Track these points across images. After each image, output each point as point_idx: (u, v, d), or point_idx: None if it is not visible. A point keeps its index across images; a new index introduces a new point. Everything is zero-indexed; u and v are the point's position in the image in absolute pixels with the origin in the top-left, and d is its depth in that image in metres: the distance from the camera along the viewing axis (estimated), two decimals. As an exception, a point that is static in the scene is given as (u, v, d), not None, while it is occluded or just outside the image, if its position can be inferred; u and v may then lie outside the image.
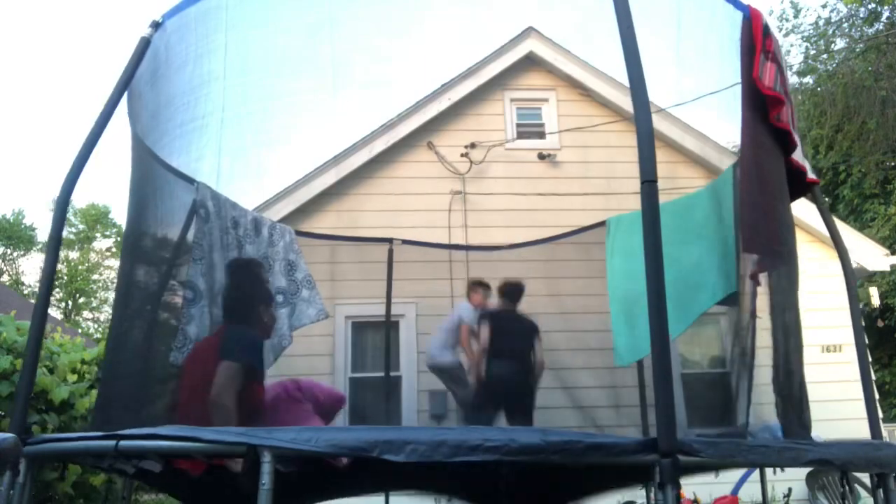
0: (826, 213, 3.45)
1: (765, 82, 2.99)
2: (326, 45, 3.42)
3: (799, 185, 3.36)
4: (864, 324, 3.48)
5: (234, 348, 2.94)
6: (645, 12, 2.56)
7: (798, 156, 3.21)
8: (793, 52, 16.82)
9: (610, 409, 5.76)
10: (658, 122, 6.50)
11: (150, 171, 3.25)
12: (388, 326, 5.78)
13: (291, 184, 7.13)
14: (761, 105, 3.06)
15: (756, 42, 3.02)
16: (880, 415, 5.80)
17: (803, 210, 7.06)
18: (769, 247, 3.09)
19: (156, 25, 3.02)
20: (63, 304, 33.38)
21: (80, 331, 26.15)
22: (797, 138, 3.18)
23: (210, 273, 3.44)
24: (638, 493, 5.59)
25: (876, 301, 9.41)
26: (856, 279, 4.04)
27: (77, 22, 57.91)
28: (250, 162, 3.86)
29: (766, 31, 3.07)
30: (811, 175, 3.33)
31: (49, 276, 2.63)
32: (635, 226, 4.97)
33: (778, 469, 3.66)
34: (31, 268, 34.49)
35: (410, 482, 3.64)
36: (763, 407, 3.36)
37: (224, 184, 3.75)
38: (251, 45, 3.47)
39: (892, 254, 7.87)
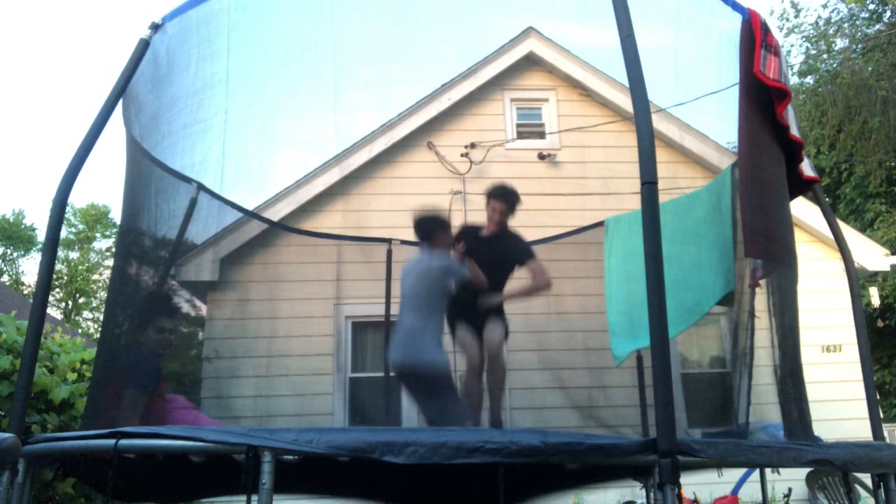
0: (829, 214, 3.45)
1: (769, 74, 2.99)
2: (328, 46, 3.43)
3: (798, 183, 3.35)
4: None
5: (132, 376, 3.41)
6: (644, 14, 2.56)
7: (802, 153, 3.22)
8: (793, 52, 16.83)
9: (609, 409, 5.76)
10: (657, 123, 6.51)
11: (147, 173, 3.25)
12: (388, 326, 5.77)
13: (291, 184, 7.12)
14: (762, 102, 3.05)
15: (756, 38, 3.02)
16: (880, 415, 5.80)
17: (803, 210, 7.06)
18: (769, 250, 3.09)
19: (155, 27, 3.02)
20: (63, 305, 33.36)
21: (80, 331, 26.13)
22: (799, 135, 3.17)
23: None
24: (638, 493, 5.60)
25: (876, 301, 9.41)
26: (858, 279, 4.03)
27: (78, 21, 57.92)
28: (254, 164, 3.88)
29: (766, 28, 3.07)
30: (808, 173, 3.32)
31: (46, 277, 2.63)
32: (634, 226, 4.99)
33: (779, 469, 3.66)
34: (31, 268, 34.44)
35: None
36: (764, 407, 3.36)
37: (228, 186, 3.77)
38: (254, 49, 3.48)
39: (893, 254, 7.87)
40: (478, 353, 4.27)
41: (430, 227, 4.26)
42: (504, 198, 4.51)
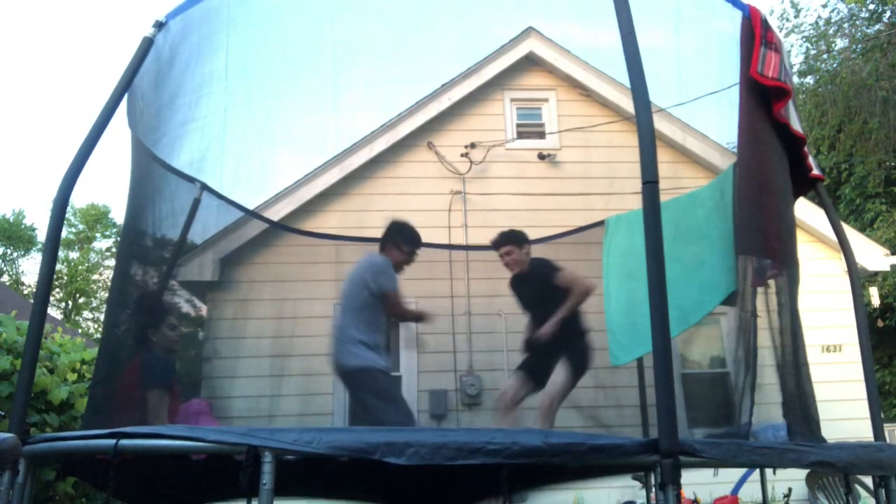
0: (832, 213, 3.44)
1: (767, 73, 2.98)
2: (328, 45, 3.41)
3: (803, 182, 3.34)
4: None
5: (153, 376, 3.44)
6: (644, 12, 2.55)
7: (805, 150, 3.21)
8: (793, 52, 16.81)
9: (610, 409, 5.75)
10: (658, 122, 6.50)
11: (149, 173, 3.25)
12: (388, 326, 5.76)
13: (292, 184, 7.12)
14: (762, 100, 3.05)
15: (756, 35, 3.01)
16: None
17: (803, 210, 7.06)
18: (766, 247, 3.08)
19: (159, 25, 3.01)
20: (63, 305, 33.34)
21: (80, 331, 26.13)
22: (801, 132, 3.16)
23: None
24: (638, 494, 5.59)
25: (876, 301, 9.41)
26: (860, 279, 4.02)
27: (79, 21, 57.91)
28: (253, 162, 3.87)
29: (766, 25, 3.06)
30: (815, 171, 3.31)
31: (47, 277, 2.62)
32: (634, 225, 4.97)
33: (777, 469, 3.65)
34: (31, 268, 34.46)
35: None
36: (766, 407, 3.35)
37: (227, 184, 3.76)
38: (253, 45, 3.47)
39: (893, 254, 7.87)
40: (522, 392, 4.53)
41: (386, 235, 4.43)
42: (507, 239, 4.68)
